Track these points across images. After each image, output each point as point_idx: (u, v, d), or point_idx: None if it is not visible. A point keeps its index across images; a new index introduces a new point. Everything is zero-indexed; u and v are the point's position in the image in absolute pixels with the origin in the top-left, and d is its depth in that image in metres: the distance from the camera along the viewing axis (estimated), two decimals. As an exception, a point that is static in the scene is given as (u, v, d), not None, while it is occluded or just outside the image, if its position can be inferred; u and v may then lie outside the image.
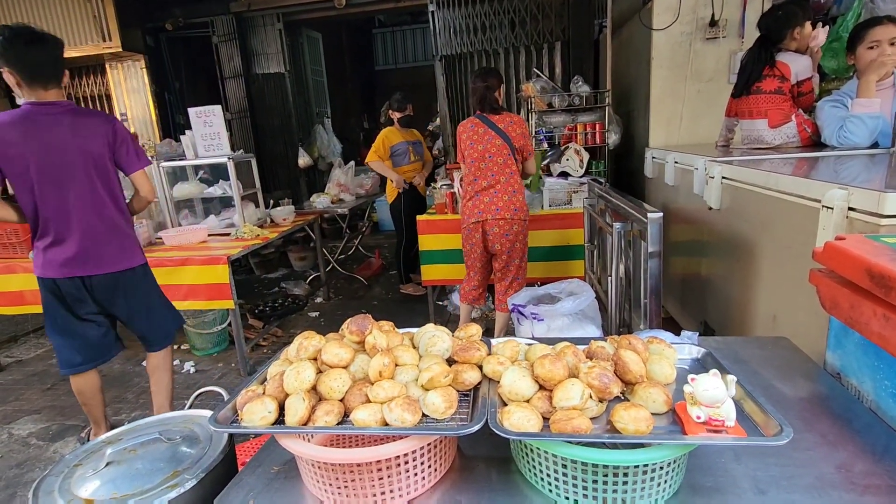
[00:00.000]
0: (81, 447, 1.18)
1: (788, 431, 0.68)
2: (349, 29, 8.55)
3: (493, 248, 2.79)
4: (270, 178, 6.11)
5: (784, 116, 2.52)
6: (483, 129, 2.74)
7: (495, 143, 2.71)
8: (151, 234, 3.44)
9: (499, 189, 2.72)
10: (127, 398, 2.99)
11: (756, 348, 1.26)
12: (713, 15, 3.12)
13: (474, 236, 2.80)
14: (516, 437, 0.73)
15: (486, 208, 2.72)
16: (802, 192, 1.48)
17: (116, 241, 2.16)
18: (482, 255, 2.86)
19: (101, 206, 2.11)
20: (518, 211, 2.73)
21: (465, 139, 2.80)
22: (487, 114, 2.75)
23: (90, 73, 5.84)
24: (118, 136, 2.14)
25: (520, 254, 2.84)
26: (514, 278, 2.89)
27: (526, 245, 2.87)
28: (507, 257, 2.81)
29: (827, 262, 1.13)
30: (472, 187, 2.79)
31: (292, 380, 0.84)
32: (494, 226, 2.72)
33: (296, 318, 4.13)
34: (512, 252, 2.80)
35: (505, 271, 2.87)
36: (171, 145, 3.80)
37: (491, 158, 2.72)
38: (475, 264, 2.91)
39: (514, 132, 2.73)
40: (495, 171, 2.72)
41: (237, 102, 5.92)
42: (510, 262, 2.83)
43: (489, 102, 2.75)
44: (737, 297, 2.03)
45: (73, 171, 2.02)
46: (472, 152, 2.76)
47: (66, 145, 2.00)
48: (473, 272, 2.95)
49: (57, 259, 2.07)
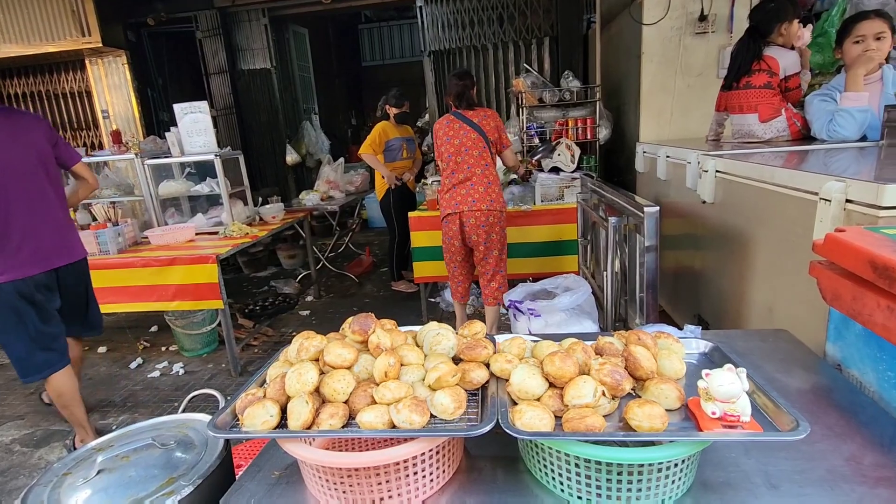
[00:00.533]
0: (70, 455, 1.13)
1: (805, 426, 0.67)
2: (335, 24, 8.45)
3: (470, 240, 2.84)
4: (258, 175, 6.03)
5: (774, 111, 2.54)
6: (458, 124, 2.81)
7: (470, 137, 2.78)
8: (137, 233, 3.36)
9: (475, 181, 2.77)
10: (114, 401, 2.92)
11: (757, 341, 1.26)
12: (702, 10, 3.13)
13: (451, 228, 2.85)
14: (530, 437, 0.71)
15: (463, 200, 2.77)
16: (799, 185, 1.48)
17: (73, 232, 2.34)
18: (460, 248, 2.90)
19: (60, 200, 2.26)
20: (494, 202, 2.78)
21: (441, 135, 2.87)
22: (463, 110, 2.83)
23: (69, 69, 5.70)
24: (53, 133, 2.28)
25: (497, 246, 2.86)
26: (494, 271, 2.91)
27: (504, 237, 2.90)
28: (484, 248, 2.84)
29: (828, 254, 1.13)
30: (448, 180, 2.85)
31: (294, 382, 0.81)
32: (471, 217, 2.77)
33: (287, 316, 4.08)
34: (489, 244, 2.83)
35: (484, 264, 2.91)
36: (155, 142, 3.71)
37: (467, 152, 2.78)
38: (454, 258, 2.95)
39: (489, 125, 2.81)
40: (471, 163, 2.78)
41: (222, 99, 5.82)
42: (488, 254, 2.86)
43: (466, 99, 2.83)
44: (731, 289, 2.04)
45: (28, 169, 2.10)
46: (449, 147, 2.82)
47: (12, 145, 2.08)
48: (454, 266, 2.99)
49: (32, 256, 2.10)
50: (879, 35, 2.14)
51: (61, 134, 5.96)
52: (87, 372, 3.32)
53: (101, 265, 2.97)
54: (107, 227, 3.11)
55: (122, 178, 3.87)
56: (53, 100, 5.89)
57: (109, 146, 4.09)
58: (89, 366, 3.41)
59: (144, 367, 3.33)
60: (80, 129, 5.95)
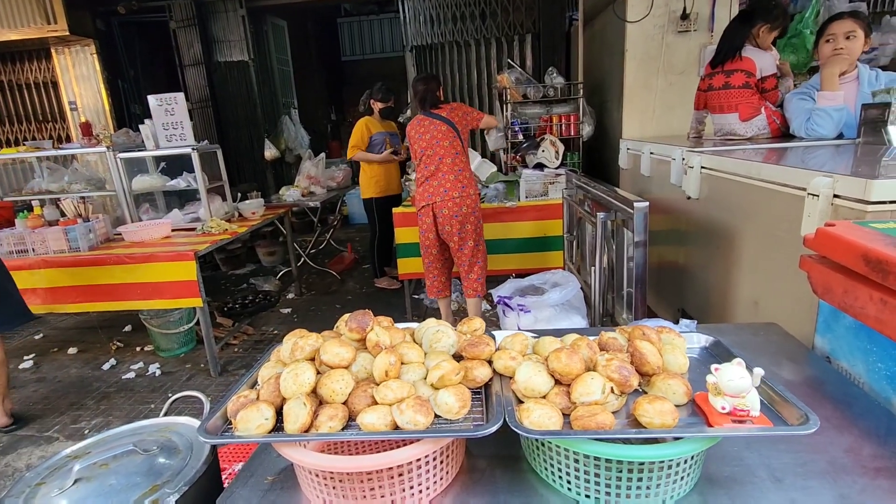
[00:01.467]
0: (44, 463, 1.07)
1: (815, 420, 0.67)
2: (315, 17, 8.28)
3: (444, 231, 2.84)
4: (236, 170, 5.88)
5: (754, 109, 2.58)
6: (428, 121, 2.85)
7: (440, 129, 2.82)
8: (109, 229, 3.23)
9: (445, 171, 2.80)
10: (87, 405, 2.80)
11: (748, 334, 1.27)
12: (685, 8, 3.16)
13: (425, 221, 2.86)
14: (539, 436, 0.69)
15: (435, 191, 2.80)
16: (786, 181, 1.50)
17: None
18: (435, 240, 2.91)
19: None
20: (466, 188, 2.80)
21: (413, 135, 2.90)
22: (430, 108, 2.87)
23: (33, 58, 5.44)
24: None
25: (472, 236, 2.87)
26: (472, 262, 2.91)
27: (479, 227, 2.91)
28: (458, 239, 2.85)
29: (819, 248, 1.14)
30: (422, 174, 2.88)
31: (290, 383, 0.77)
32: (443, 207, 2.78)
33: (267, 315, 3.99)
34: (463, 234, 2.83)
35: (460, 255, 2.91)
36: (128, 135, 3.57)
37: (438, 143, 2.82)
38: (430, 251, 2.95)
39: (456, 115, 2.86)
40: (441, 153, 2.80)
41: (198, 91, 5.65)
42: (463, 244, 2.87)
43: (430, 100, 2.88)
44: (716, 284, 2.07)
45: None
46: (420, 142, 2.86)
47: None
48: (429, 260, 2.99)
49: None
50: (849, 34, 2.20)
51: (25, 126, 5.72)
52: (56, 374, 3.19)
53: (71, 262, 2.85)
54: (77, 223, 2.98)
55: (93, 173, 3.72)
56: (17, 90, 5.61)
57: (78, 139, 3.91)
58: (58, 367, 3.27)
59: (118, 369, 3.21)
60: (46, 121, 5.69)
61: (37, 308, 2.96)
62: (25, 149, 3.53)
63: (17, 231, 2.94)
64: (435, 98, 2.91)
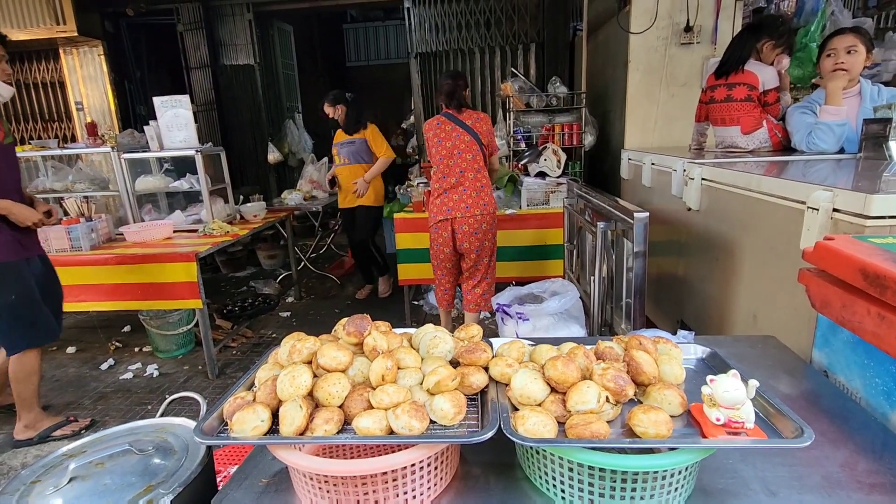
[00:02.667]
0: (40, 461, 1.07)
1: (810, 433, 0.67)
2: (321, 23, 8.36)
3: (462, 247, 2.75)
4: (239, 173, 5.90)
5: (756, 122, 2.60)
6: (451, 126, 2.71)
7: (464, 140, 2.69)
8: (111, 229, 3.25)
9: (467, 186, 2.69)
10: (83, 404, 2.80)
11: (746, 347, 1.27)
12: (688, 21, 3.19)
13: (442, 235, 2.75)
14: (534, 443, 0.69)
15: (455, 206, 2.69)
16: (786, 194, 1.51)
17: None
18: (451, 254, 2.81)
19: None
20: (487, 206, 2.72)
21: (431, 137, 2.77)
22: (454, 111, 2.74)
23: (41, 58, 5.49)
24: None
25: (489, 252, 2.81)
26: (482, 277, 2.86)
27: (495, 243, 2.85)
28: (475, 256, 2.77)
29: (817, 262, 1.14)
30: (439, 185, 2.75)
31: (287, 385, 0.78)
32: (464, 223, 2.69)
33: (266, 318, 3.99)
34: (481, 251, 2.77)
35: (473, 271, 2.84)
36: (133, 136, 3.59)
37: (460, 155, 2.70)
38: (444, 264, 2.86)
39: (482, 128, 2.73)
40: (463, 167, 2.69)
41: (203, 94, 5.69)
42: (479, 261, 2.80)
43: (457, 98, 2.73)
44: (715, 296, 2.07)
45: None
46: (441, 149, 2.72)
47: None
48: (442, 273, 2.90)
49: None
50: (850, 49, 2.22)
51: (32, 125, 5.76)
52: (54, 373, 3.19)
53: (72, 262, 2.86)
54: (79, 222, 2.99)
55: (97, 173, 3.74)
56: (24, 90, 5.66)
57: (83, 139, 3.94)
58: (56, 366, 3.27)
59: (116, 369, 3.21)
60: (52, 120, 5.73)
61: (37, 306, 2.97)
62: (31, 148, 3.56)
63: (19, 229, 2.94)
64: (461, 98, 2.75)
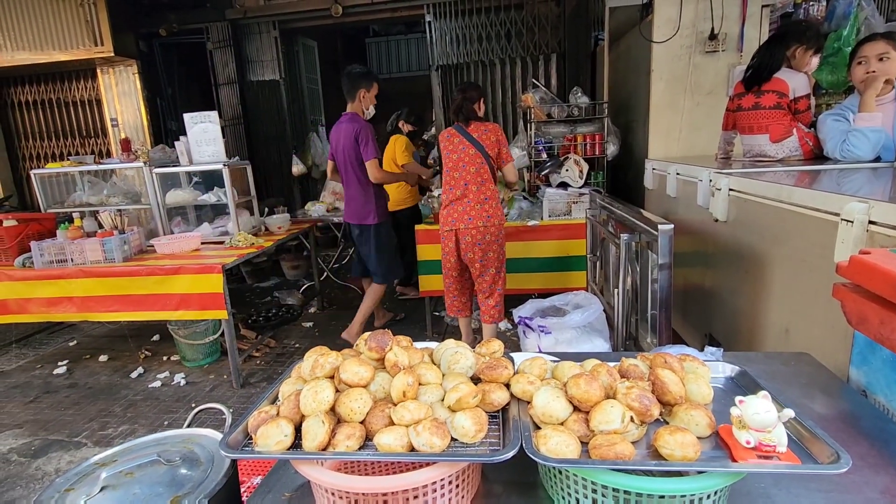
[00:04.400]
0: (73, 469, 1.10)
1: (847, 459, 0.64)
2: (344, 37, 8.53)
3: (466, 257, 2.81)
4: (264, 185, 6.03)
5: (785, 131, 2.53)
6: (458, 138, 2.78)
7: (468, 153, 2.75)
8: (143, 241, 3.36)
9: (471, 198, 2.74)
10: (114, 412, 2.88)
11: (778, 364, 1.23)
12: (713, 29, 3.14)
13: (448, 245, 2.83)
14: (556, 464, 0.68)
15: (459, 217, 2.75)
16: (819, 205, 1.46)
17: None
18: (456, 264, 2.87)
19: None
20: (491, 218, 2.74)
21: (442, 148, 2.87)
22: (462, 123, 2.80)
23: (80, 77, 5.75)
24: None
25: (495, 263, 2.82)
26: (491, 289, 2.87)
27: (502, 254, 2.86)
28: (480, 266, 2.81)
29: (853, 277, 1.10)
30: (447, 196, 2.83)
31: (310, 400, 0.78)
32: (467, 234, 2.74)
33: (290, 328, 4.05)
34: (485, 261, 2.79)
35: (480, 282, 2.87)
36: (164, 151, 3.72)
37: (464, 168, 2.76)
38: (450, 273, 2.92)
39: (489, 140, 2.76)
40: (468, 179, 2.75)
41: (231, 109, 5.85)
42: (484, 271, 2.83)
43: (464, 112, 2.79)
44: (745, 309, 2.01)
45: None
46: (448, 161, 2.81)
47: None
48: (450, 281, 2.96)
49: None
50: (882, 56, 2.15)
51: (69, 141, 6.02)
52: (87, 380, 3.29)
53: (106, 273, 2.96)
54: (113, 234, 3.11)
55: (130, 186, 3.88)
56: (63, 107, 5.93)
57: (118, 154, 4.10)
58: (90, 374, 3.38)
59: (145, 377, 3.30)
60: (89, 136, 5.98)
61: (72, 316, 3.09)
62: (69, 163, 3.72)
63: (58, 241, 3.08)
64: (470, 111, 2.79)
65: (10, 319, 3.12)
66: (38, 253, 3.00)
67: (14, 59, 5.18)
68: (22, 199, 6.22)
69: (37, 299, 3.02)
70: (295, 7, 5.44)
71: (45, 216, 3.42)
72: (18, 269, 3.05)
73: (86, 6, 4.99)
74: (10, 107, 6.01)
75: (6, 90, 5.95)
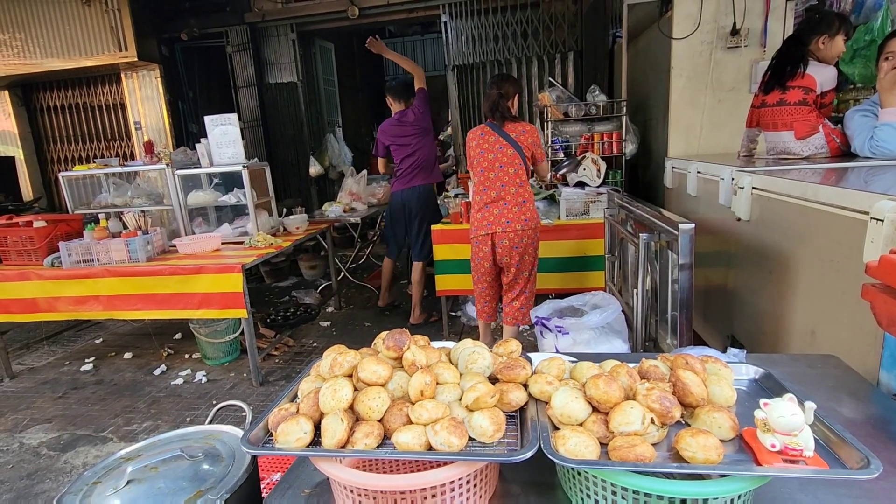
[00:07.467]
0: (100, 463, 1.13)
1: (877, 464, 0.62)
2: (360, 39, 8.58)
3: (502, 262, 2.71)
4: (282, 186, 6.11)
5: (811, 127, 2.47)
6: (494, 137, 2.66)
7: (506, 153, 2.64)
8: (165, 241, 3.43)
9: (509, 200, 2.64)
10: (138, 408, 2.95)
11: (804, 367, 1.20)
12: (734, 24, 3.08)
13: (483, 249, 2.72)
14: (576, 465, 0.67)
15: (496, 220, 2.65)
16: (847, 203, 1.42)
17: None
18: (491, 268, 2.77)
19: None
20: (529, 221, 2.66)
21: (474, 146, 2.72)
22: (498, 122, 2.68)
23: (105, 82, 5.90)
24: None
25: (529, 266, 2.75)
26: (521, 291, 2.80)
27: (536, 257, 2.78)
28: (515, 270, 2.73)
29: (883, 277, 1.07)
30: (481, 198, 2.71)
31: (329, 398, 0.79)
32: (504, 238, 2.64)
33: (307, 327, 4.09)
34: (521, 265, 2.72)
35: (512, 284, 2.79)
36: (185, 153, 3.79)
37: (502, 168, 2.65)
38: (484, 278, 2.82)
39: (526, 141, 2.66)
40: (505, 181, 2.65)
41: (250, 111, 5.94)
42: (519, 275, 2.75)
43: (500, 110, 2.66)
44: (769, 310, 1.96)
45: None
46: (482, 161, 2.68)
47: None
48: (482, 287, 2.86)
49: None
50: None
51: (95, 144, 6.18)
52: (112, 377, 3.38)
53: (130, 272, 3.03)
54: (137, 235, 3.18)
55: (153, 188, 3.96)
56: (89, 111, 6.10)
57: (141, 157, 4.20)
58: (115, 371, 3.47)
59: (168, 374, 3.37)
60: (114, 139, 6.14)
61: (98, 314, 3.18)
62: (95, 166, 3.82)
63: (84, 242, 3.16)
64: (506, 109, 2.67)
65: (40, 317, 3.21)
66: (66, 253, 3.09)
67: (44, 65, 5.35)
68: (50, 200, 6.42)
69: (65, 298, 3.11)
70: (312, 10, 5.50)
71: (73, 217, 3.51)
72: (48, 269, 3.14)
73: (110, 13, 5.13)
74: (38, 111, 6.21)
75: (35, 95, 6.15)
